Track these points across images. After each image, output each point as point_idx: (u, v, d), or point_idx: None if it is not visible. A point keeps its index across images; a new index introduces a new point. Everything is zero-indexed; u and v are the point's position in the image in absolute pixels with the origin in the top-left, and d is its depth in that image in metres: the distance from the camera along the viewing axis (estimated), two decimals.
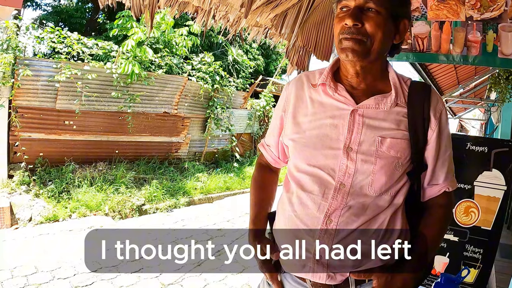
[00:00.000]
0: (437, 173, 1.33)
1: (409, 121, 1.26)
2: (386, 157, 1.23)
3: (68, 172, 7.39)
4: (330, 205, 1.24)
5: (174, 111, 9.28)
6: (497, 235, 2.44)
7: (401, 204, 1.29)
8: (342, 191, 1.23)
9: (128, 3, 2.51)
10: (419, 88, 1.31)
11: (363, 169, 1.22)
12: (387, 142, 1.23)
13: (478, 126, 16.50)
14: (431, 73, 7.41)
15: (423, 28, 2.21)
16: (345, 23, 1.21)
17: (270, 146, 1.53)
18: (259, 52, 14.76)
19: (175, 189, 8.34)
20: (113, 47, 8.44)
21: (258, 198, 1.52)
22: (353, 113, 1.25)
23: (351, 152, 1.23)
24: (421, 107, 1.27)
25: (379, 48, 1.23)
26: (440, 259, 2.55)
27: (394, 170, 1.23)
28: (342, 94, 1.28)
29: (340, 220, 1.23)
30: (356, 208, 1.23)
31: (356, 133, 1.24)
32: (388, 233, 1.26)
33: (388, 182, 1.23)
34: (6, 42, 6.52)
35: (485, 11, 2.07)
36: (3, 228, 5.76)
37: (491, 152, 2.45)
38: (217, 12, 2.85)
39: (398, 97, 1.27)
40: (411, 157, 1.26)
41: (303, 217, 1.28)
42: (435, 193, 1.36)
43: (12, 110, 6.78)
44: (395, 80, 1.30)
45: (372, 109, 1.26)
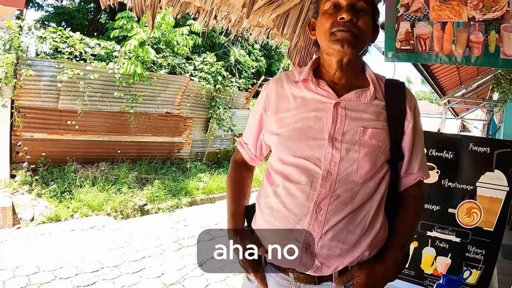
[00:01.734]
0: (412, 162, 1.43)
1: (388, 112, 1.36)
2: (369, 145, 1.30)
3: (70, 172, 7.40)
4: (319, 194, 1.29)
5: (176, 111, 9.28)
6: (499, 236, 2.43)
7: (384, 195, 1.36)
8: (330, 179, 1.29)
9: (129, 3, 2.51)
10: (394, 84, 1.43)
11: (348, 157, 1.29)
12: (368, 132, 1.31)
13: (480, 126, 16.48)
14: (433, 74, 7.40)
15: (425, 29, 2.21)
16: (341, 17, 1.30)
17: (248, 144, 1.60)
18: (261, 52, 14.77)
19: (177, 189, 8.35)
20: (115, 47, 8.45)
21: (236, 194, 1.58)
22: (336, 106, 1.34)
23: (335, 141, 1.30)
24: (397, 100, 1.38)
25: (365, 43, 1.37)
26: (442, 260, 2.54)
27: (376, 158, 1.31)
28: (325, 89, 1.37)
29: (329, 208, 1.28)
30: (344, 197, 1.29)
31: (339, 124, 1.32)
32: (372, 223, 1.32)
33: (372, 168, 1.31)
34: (9, 42, 6.53)
35: (487, 12, 2.06)
36: (5, 227, 5.77)
37: (493, 152, 2.44)
38: (219, 12, 2.84)
39: (377, 91, 1.37)
40: (390, 147, 1.35)
41: (292, 207, 1.32)
42: (410, 182, 1.45)
43: (14, 110, 6.79)
44: (372, 77, 1.40)
45: (354, 102, 1.35)
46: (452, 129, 18.97)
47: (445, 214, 2.53)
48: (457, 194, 2.52)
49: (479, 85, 8.03)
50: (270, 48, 14.87)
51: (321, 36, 1.37)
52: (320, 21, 1.37)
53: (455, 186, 2.53)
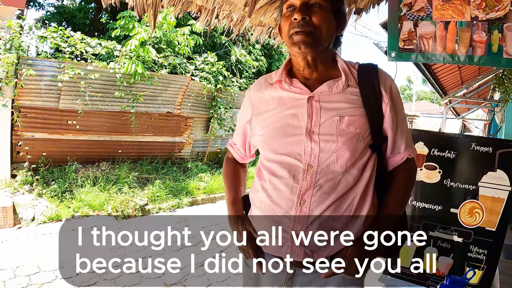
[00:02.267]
0: (397, 142, 1.44)
1: (363, 98, 1.37)
2: (346, 133, 1.32)
3: (71, 171, 7.40)
4: (301, 186, 1.33)
5: (177, 111, 9.27)
6: (501, 236, 2.42)
7: (370, 180, 1.38)
8: (311, 172, 1.33)
9: (131, 3, 2.50)
10: (367, 68, 1.43)
11: (326, 148, 1.32)
12: (345, 120, 1.33)
13: (481, 126, 16.47)
14: (434, 73, 7.40)
15: (429, 28, 2.21)
16: (294, 18, 1.33)
17: (237, 144, 1.67)
18: (262, 52, 14.75)
19: (178, 189, 8.34)
20: (116, 47, 8.44)
21: (233, 184, 1.66)
22: (309, 100, 1.37)
23: (313, 135, 1.34)
24: (371, 84, 1.39)
25: (325, 38, 1.37)
26: (444, 260, 2.54)
27: (356, 145, 1.33)
28: (298, 86, 1.40)
29: (313, 199, 1.32)
30: (327, 187, 1.32)
31: (315, 117, 1.35)
32: (359, 209, 1.35)
33: (352, 156, 1.33)
34: (9, 42, 6.53)
35: (490, 11, 2.06)
36: (6, 227, 5.78)
37: (495, 152, 2.44)
38: (221, 11, 2.84)
39: (349, 79, 1.39)
40: (370, 131, 1.36)
41: (278, 200, 1.37)
42: (398, 161, 1.46)
43: (15, 110, 6.80)
44: (343, 66, 1.41)
45: (326, 94, 1.37)
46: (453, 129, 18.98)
47: (447, 214, 2.53)
48: (459, 194, 2.51)
49: (481, 85, 8.03)
50: (271, 48, 14.86)
51: (284, 39, 1.42)
52: (282, 25, 1.42)
53: (457, 186, 2.52)
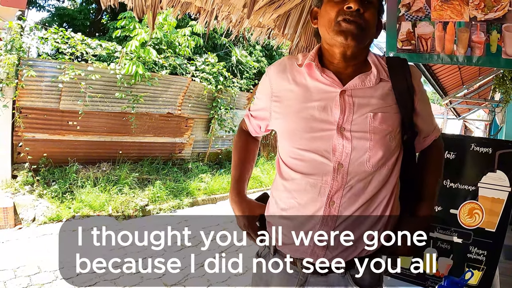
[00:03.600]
0: (426, 130, 1.43)
1: (395, 93, 1.31)
2: (380, 131, 1.25)
3: (72, 172, 7.41)
4: (331, 187, 1.25)
5: (178, 112, 9.28)
6: (501, 237, 2.42)
7: (397, 179, 1.34)
8: (341, 171, 1.25)
9: (130, 4, 2.51)
10: (396, 62, 1.38)
11: (359, 146, 1.24)
12: (378, 117, 1.26)
13: (482, 127, 16.46)
14: (435, 74, 7.38)
15: (427, 29, 2.20)
16: (348, 6, 1.22)
17: (255, 118, 1.56)
18: (263, 53, 14.76)
19: (179, 189, 8.34)
20: (116, 47, 8.45)
21: (241, 159, 1.60)
22: (342, 94, 1.27)
23: (344, 131, 1.25)
24: (403, 79, 1.32)
25: (371, 36, 1.31)
26: (444, 261, 2.54)
27: (389, 143, 1.27)
28: (330, 76, 1.30)
29: (342, 200, 1.25)
30: (357, 188, 1.26)
31: (348, 112, 1.26)
32: (384, 212, 1.30)
33: (385, 155, 1.26)
34: (10, 43, 6.53)
35: (489, 12, 2.06)
36: (7, 228, 5.78)
37: (495, 153, 2.44)
38: (220, 12, 2.84)
39: (380, 72, 1.31)
40: (401, 128, 1.31)
41: (304, 202, 1.29)
42: (427, 143, 1.47)
43: (16, 111, 6.80)
44: (373, 59, 1.34)
45: (359, 88, 1.29)
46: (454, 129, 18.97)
47: (447, 215, 2.52)
48: (459, 195, 2.51)
49: (481, 85, 8.01)
50: (271, 48, 14.86)
51: (325, 25, 1.29)
52: (325, 9, 1.30)
53: (457, 186, 2.52)
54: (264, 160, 12.02)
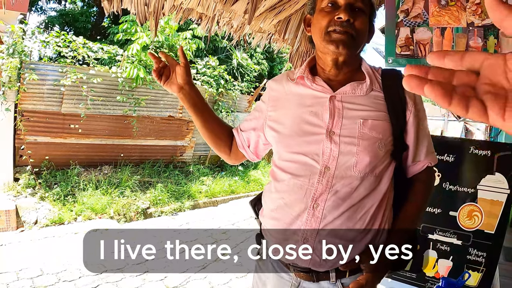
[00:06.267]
0: (418, 151, 1.39)
1: (387, 104, 1.32)
2: (369, 138, 1.27)
3: (74, 175, 7.44)
4: (316, 190, 1.28)
5: (179, 115, 9.31)
6: (500, 239, 2.44)
7: (388, 191, 1.34)
8: (327, 175, 1.28)
9: (133, 10, 2.54)
10: (391, 74, 1.39)
11: (346, 151, 1.27)
12: (368, 124, 1.28)
13: (483, 128, 16.44)
14: None
15: (425, 34, 2.23)
16: (339, 16, 1.27)
17: (244, 132, 1.58)
18: (264, 56, 14.79)
19: (180, 192, 8.36)
20: (118, 51, 8.49)
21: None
22: (331, 99, 1.32)
23: (333, 135, 1.28)
24: (396, 91, 1.33)
25: (361, 43, 1.35)
26: (444, 263, 2.55)
27: (377, 150, 1.28)
28: (320, 84, 1.36)
29: (326, 204, 1.27)
30: (343, 192, 1.27)
31: (337, 117, 1.30)
32: (373, 221, 1.30)
33: (372, 161, 1.27)
34: (12, 47, 6.57)
35: (486, 17, 2.08)
36: (9, 230, 5.80)
37: (494, 156, 2.46)
38: (221, 18, 2.87)
39: (373, 83, 1.34)
40: (392, 138, 1.32)
41: (291, 203, 1.32)
42: (418, 169, 1.42)
43: (18, 114, 6.84)
44: (368, 70, 1.37)
45: (349, 95, 1.33)
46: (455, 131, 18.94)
47: (446, 217, 2.54)
48: (458, 197, 2.53)
49: None
50: (272, 51, 14.90)
51: (316, 34, 1.35)
52: (316, 19, 1.35)
53: (456, 189, 2.54)
54: (265, 163, 12.04)
